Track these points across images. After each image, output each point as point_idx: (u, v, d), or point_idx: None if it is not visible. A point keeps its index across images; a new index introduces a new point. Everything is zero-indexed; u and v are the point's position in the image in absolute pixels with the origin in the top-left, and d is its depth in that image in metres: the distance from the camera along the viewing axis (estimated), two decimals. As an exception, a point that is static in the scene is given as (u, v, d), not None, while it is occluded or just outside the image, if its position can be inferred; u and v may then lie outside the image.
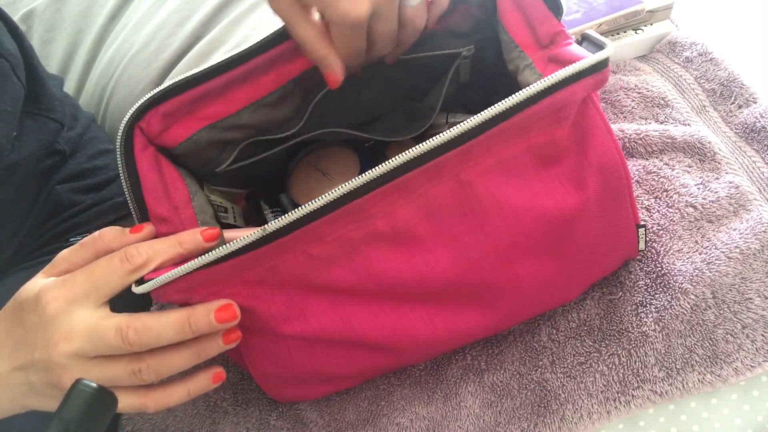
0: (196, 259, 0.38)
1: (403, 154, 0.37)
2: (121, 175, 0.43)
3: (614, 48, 0.59)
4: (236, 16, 0.71)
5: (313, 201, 0.37)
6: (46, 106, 0.57)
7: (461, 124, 0.37)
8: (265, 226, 0.38)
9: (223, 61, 0.44)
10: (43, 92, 0.56)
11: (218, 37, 0.70)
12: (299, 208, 0.37)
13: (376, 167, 0.37)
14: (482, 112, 0.37)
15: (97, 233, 0.41)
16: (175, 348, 0.40)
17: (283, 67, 0.45)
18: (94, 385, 0.36)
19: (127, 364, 0.38)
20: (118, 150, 0.43)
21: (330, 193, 0.37)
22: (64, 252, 0.41)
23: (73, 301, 0.38)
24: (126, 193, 0.43)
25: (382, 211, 0.39)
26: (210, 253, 0.38)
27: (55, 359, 0.37)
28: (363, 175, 0.37)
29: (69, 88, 0.73)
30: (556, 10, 0.42)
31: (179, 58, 0.70)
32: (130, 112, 0.43)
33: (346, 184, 0.37)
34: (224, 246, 0.38)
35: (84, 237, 0.55)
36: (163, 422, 0.52)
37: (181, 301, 0.40)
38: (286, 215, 0.37)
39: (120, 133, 0.43)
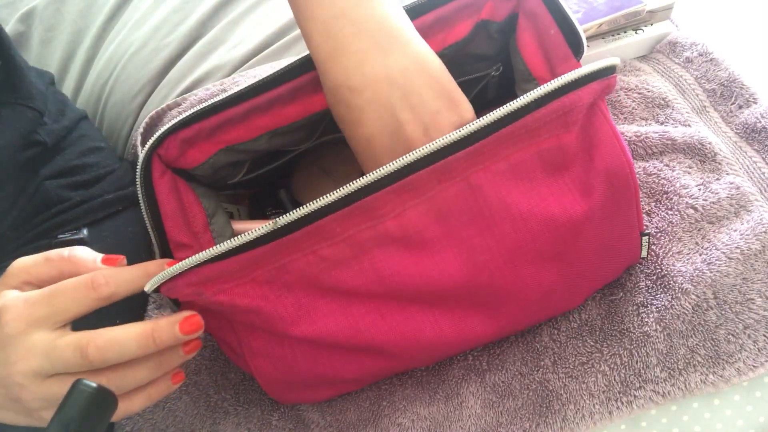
0: (206, 251, 0.38)
1: (413, 152, 0.37)
2: (141, 202, 0.43)
3: (614, 48, 0.60)
4: (236, 16, 0.71)
5: (324, 196, 0.37)
6: (24, 95, 0.56)
7: (470, 124, 0.37)
8: (276, 219, 0.38)
9: (247, 87, 0.44)
10: (21, 82, 0.56)
11: (217, 37, 0.70)
12: (311, 203, 0.37)
13: (386, 165, 0.37)
14: (490, 113, 0.37)
15: (66, 252, 0.40)
16: (136, 361, 0.39)
17: (307, 99, 0.45)
18: (94, 385, 0.36)
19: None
20: (138, 179, 0.43)
21: (341, 189, 0.37)
22: (24, 262, 0.40)
23: (32, 323, 0.37)
24: (146, 220, 0.44)
25: (392, 212, 0.39)
26: (221, 245, 0.38)
27: (14, 377, 0.37)
28: (373, 172, 0.37)
29: (68, 87, 0.73)
30: (577, 50, 0.42)
31: (178, 58, 0.70)
32: (151, 141, 0.43)
33: (357, 180, 0.37)
34: (235, 238, 0.38)
35: (73, 235, 0.55)
36: (164, 422, 0.52)
37: (190, 297, 0.40)
38: (298, 209, 0.37)
39: (140, 163, 0.43)
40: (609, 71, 0.38)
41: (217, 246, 0.38)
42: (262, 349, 0.43)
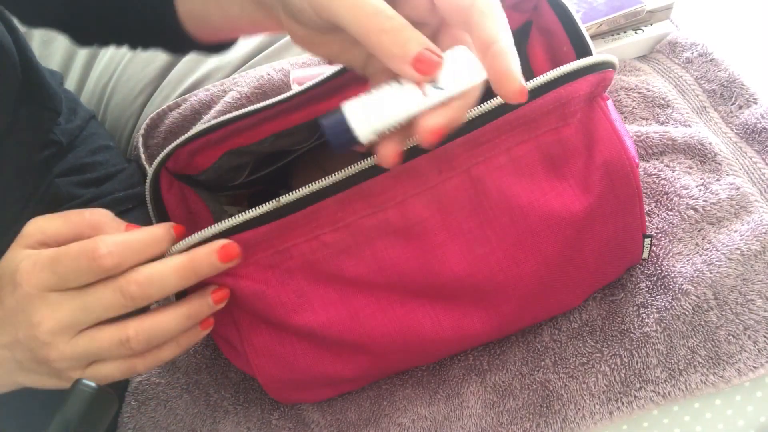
0: (211, 227, 0.38)
1: (412, 138, 0.37)
2: (151, 216, 0.44)
3: (614, 48, 0.60)
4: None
5: (325, 178, 0.38)
6: (42, 96, 0.57)
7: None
8: (279, 198, 0.38)
9: (260, 106, 0.45)
10: (39, 82, 0.56)
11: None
12: (312, 183, 0.38)
13: None
14: (488, 102, 0.38)
15: (87, 212, 0.38)
16: (164, 311, 0.38)
17: (314, 106, 0.46)
18: (94, 385, 0.36)
19: (114, 334, 0.36)
20: (147, 194, 0.44)
21: (341, 171, 0.38)
22: (40, 221, 0.38)
23: (43, 288, 0.35)
24: None
25: (393, 200, 0.40)
26: (225, 221, 0.38)
27: (40, 337, 0.35)
28: (371, 156, 0.38)
29: (69, 88, 0.73)
30: None
31: (179, 58, 0.70)
32: (159, 158, 0.44)
33: (357, 163, 0.38)
34: (239, 215, 0.38)
35: None
36: (165, 420, 0.52)
37: None
38: (300, 189, 0.38)
39: (149, 179, 0.44)
40: (605, 65, 0.39)
41: (222, 222, 0.38)
42: (263, 347, 0.43)
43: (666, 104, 0.55)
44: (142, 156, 0.64)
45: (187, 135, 0.44)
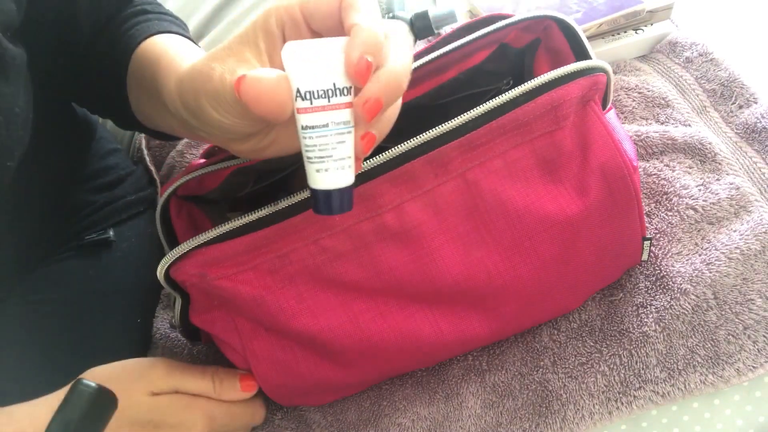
0: (210, 230, 0.39)
1: (407, 141, 0.39)
2: (162, 242, 0.46)
3: (614, 48, 0.60)
4: (236, 17, 0.71)
5: None
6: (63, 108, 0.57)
7: (461, 115, 0.39)
8: (277, 202, 0.39)
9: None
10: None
11: (218, 38, 0.70)
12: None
13: (380, 154, 0.38)
14: (481, 105, 0.39)
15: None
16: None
17: None
18: (94, 384, 0.36)
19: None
20: (158, 224, 0.46)
21: None
22: (177, 377, 0.44)
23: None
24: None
25: (390, 203, 0.40)
26: (223, 225, 0.39)
27: None
28: (368, 160, 0.39)
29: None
30: None
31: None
32: (170, 189, 0.45)
33: None
34: (237, 219, 0.39)
35: (99, 235, 0.55)
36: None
37: (196, 279, 0.41)
38: (297, 193, 0.38)
39: (159, 207, 0.45)
40: (595, 70, 0.40)
41: (220, 226, 0.38)
42: (265, 354, 0.43)
43: (666, 104, 0.55)
44: (147, 158, 0.64)
45: (196, 173, 0.45)
